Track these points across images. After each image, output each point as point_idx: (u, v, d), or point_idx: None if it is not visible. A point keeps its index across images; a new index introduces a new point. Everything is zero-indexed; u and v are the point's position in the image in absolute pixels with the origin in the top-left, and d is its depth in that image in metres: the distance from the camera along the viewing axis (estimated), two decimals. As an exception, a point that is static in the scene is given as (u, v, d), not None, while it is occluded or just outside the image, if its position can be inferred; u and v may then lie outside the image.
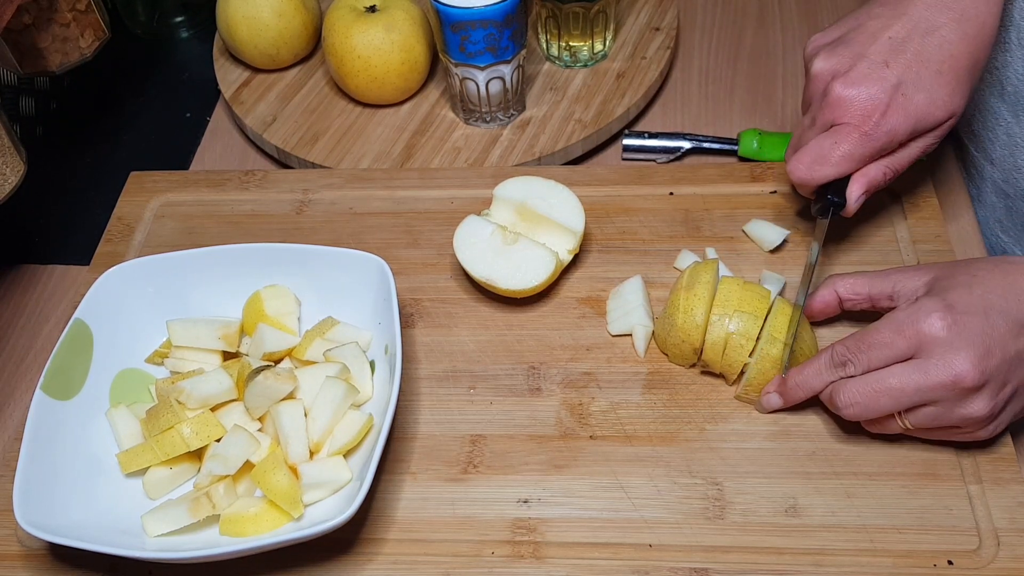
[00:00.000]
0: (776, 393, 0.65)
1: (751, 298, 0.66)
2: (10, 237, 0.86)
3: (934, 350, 0.57)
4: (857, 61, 0.64)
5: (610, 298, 0.73)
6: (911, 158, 0.67)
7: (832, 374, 0.61)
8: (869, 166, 0.66)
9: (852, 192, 0.66)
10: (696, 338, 0.66)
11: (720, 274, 0.70)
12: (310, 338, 0.68)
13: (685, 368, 0.69)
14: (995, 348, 0.57)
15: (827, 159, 0.65)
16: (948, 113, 0.64)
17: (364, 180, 0.83)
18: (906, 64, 0.64)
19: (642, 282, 0.73)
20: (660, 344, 0.70)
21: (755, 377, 0.65)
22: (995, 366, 0.57)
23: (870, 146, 0.64)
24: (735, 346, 0.65)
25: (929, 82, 0.63)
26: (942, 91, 0.64)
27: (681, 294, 0.67)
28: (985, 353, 0.56)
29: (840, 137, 0.65)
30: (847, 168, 0.66)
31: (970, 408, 0.57)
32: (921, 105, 0.64)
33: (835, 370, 0.61)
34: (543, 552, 0.61)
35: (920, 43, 0.64)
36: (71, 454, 0.63)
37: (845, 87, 0.64)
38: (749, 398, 0.66)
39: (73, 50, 0.82)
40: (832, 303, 0.67)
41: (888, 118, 0.64)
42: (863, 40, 0.65)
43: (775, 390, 0.65)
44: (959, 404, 0.58)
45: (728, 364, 0.66)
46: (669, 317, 0.67)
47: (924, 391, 0.57)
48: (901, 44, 0.64)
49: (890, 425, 0.61)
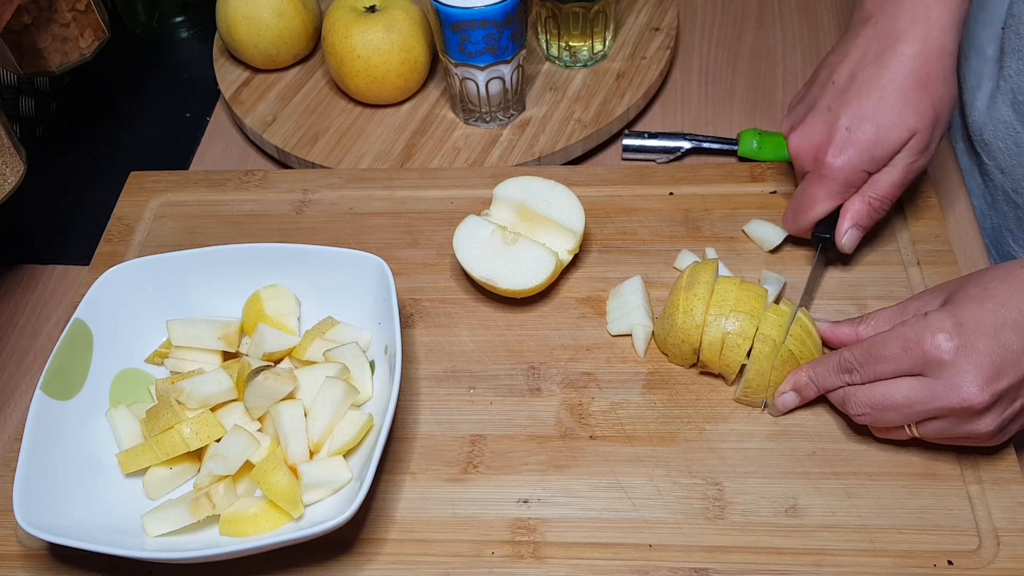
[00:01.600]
0: (793, 392, 0.64)
1: (748, 298, 0.66)
2: (10, 237, 0.86)
3: (941, 372, 0.57)
4: (806, 114, 0.69)
5: (610, 298, 0.73)
6: (893, 183, 0.68)
7: (838, 379, 0.62)
8: (851, 200, 0.69)
9: (840, 227, 0.70)
10: (696, 338, 0.66)
11: (719, 274, 0.70)
12: (310, 338, 0.68)
13: (685, 368, 0.69)
14: (1006, 368, 0.56)
15: (802, 207, 0.70)
16: (905, 132, 0.66)
17: (364, 180, 0.83)
18: (847, 102, 0.67)
19: (642, 282, 0.73)
20: (660, 344, 0.70)
21: (753, 378, 0.65)
22: (1005, 387, 0.56)
23: (831, 184, 0.68)
24: (732, 346, 0.65)
25: (872, 111, 0.66)
26: (887, 115, 0.66)
27: (681, 294, 0.67)
28: (994, 375, 0.56)
29: (807, 184, 0.70)
30: (822, 210, 0.69)
31: (978, 426, 0.58)
32: (869, 134, 0.66)
33: (842, 375, 0.62)
34: (543, 552, 0.61)
35: (862, 76, 0.67)
36: (71, 454, 0.63)
37: (795, 139, 0.69)
38: (748, 400, 0.66)
39: (73, 50, 0.82)
40: (848, 340, 0.66)
41: (838, 156, 0.67)
42: (814, 92, 0.70)
43: (791, 388, 0.64)
44: (967, 422, 0.58)
45: (726, 364, 0.66)
46: (669, 317, 0.67)
47: (931, 411, 0.58)
48: (844, 85, 0.67)
49: (900, 433, 0.62)
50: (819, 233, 0.71)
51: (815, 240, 0.72)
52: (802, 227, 0.71)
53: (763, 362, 0.64)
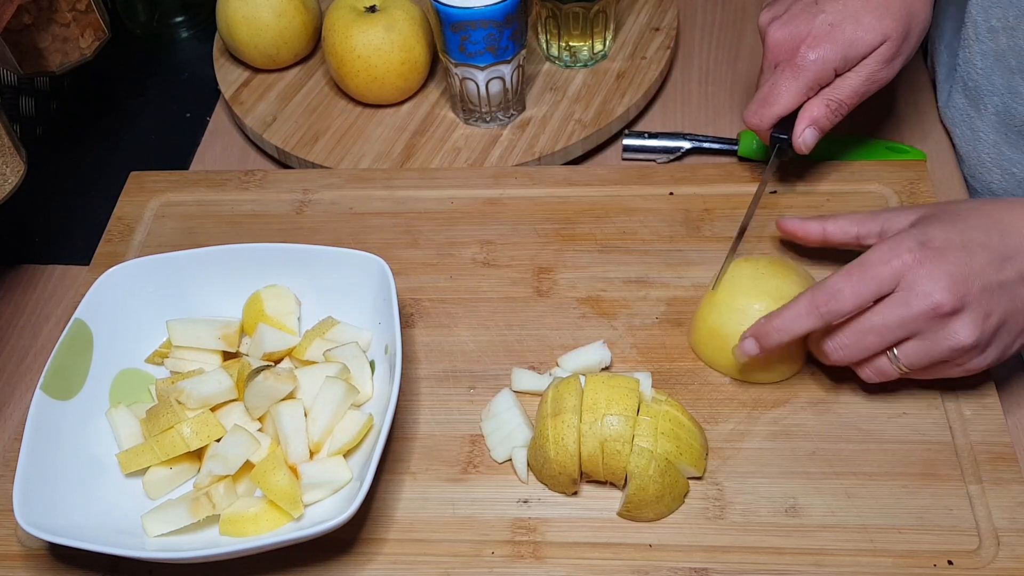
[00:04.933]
0: (752, 338, 0.62)
1: (620, 396, 0.61)
2: (10, 237, 0.86)
3: (913, 282, 0.58)
4: (791, 6, 0.71)
5: (482, 420, 0.67)
6: (854, 89, 0.70)
7: (815, 317, 0.60)
8: (811, 101, 0.70)
9: (797, 128, 0.71)
10: (573, 468, 0.61)
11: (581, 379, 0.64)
12: (310, 338, 0.68)
13: (684, 369, 0.69)
14: (973, 277, 0.57)
15: (768, 99, 0.71)
16: (879, 36, 0.68)
17: (364, 180, 0.83)
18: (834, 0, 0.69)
19: (511, 394, 0.67)
20: (536, 474, 0.64)
21: (635, 494, 0.60)
22: (975, 293, 0.57)
23: (804, 77, 0.69)
24: (612, 452, 0.60)
25: (856, 11, 0.68)
26: (869, 16, 0.68)
27: (548, 422, 0.61)
28: (962, 280, 0.57)
29: (777, 75, 0.71)
30: (787, 103, 0.70)
31: (955, 337, 0.58)
32: (848, 32, 0.68)
33: (818, 310, 0.60)
34: (543, 552, 0.61)
35: None
36: (71, 454, 0.63)
37: (777, 28, 0.71)
38: (633, 516, 0.61)
39: (73, 50, 0.82)
40: (813, 233, 0.68)
41: (816, 48, 0.68)
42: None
43: (751, 334, 0.62)
44: (943, 333, 0.58)
45: (611, 472, 0.61)
46: (540, 449, 0.62)
47: (907, 322, 0.58)
48: None
49: (885, 369, 0.61)
50: (777, 133, 0.72)
51: (772, 141, 0.73)
52: (764, 121, 0.72)
53: (642, 477, 0.59)
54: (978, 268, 0.58)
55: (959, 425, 0.64)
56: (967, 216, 0.60)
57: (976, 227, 0.59)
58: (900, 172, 0.79)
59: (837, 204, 0.77)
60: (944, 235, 0.59)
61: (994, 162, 0.79)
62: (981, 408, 0.65)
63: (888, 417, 0.65)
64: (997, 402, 0.65)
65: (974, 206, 0.62)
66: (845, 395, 0.66)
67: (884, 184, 0.78)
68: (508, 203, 0.80)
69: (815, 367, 0.67)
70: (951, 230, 0.59)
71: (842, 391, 0.66)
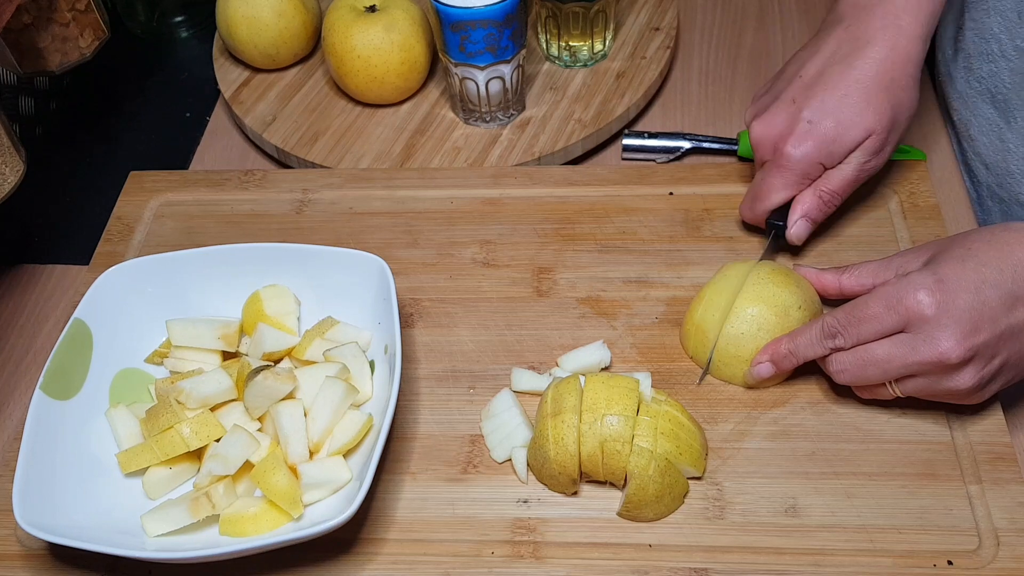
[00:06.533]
0: (769, 362, 0.65)
1: (619, 396, 0.61)
2: (10, 237, 0.86)
3: (921, 327, 0.58)
4: (771, 103, 0.71)
5: (482, 420, 0.67)
6: (846, 180, 0.70)
7: (822, 346, 0.62)
8: (803, 193, 0.71)
9: (790, 219, 0.71)
10: (573, 468, 0.61)
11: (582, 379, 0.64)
12: (310, 338, 0.68)
13: (684, 370, 0.69)
14: (983, 324, 0.57)
15: (758, 195, 0.72)
16: (862, 132, 0.68)
17: (364, 180, 0.83)
18: (812, 96, 0.68)
19: (511, 394, 0.67)
20: (536, 474, 0.64)
21: (634, 494, 0.60)
22: (982, 342, 0.57)
23: (790, 174, 0.70)
24: (612, 452, 0.60)
25: (835, 107, 0.68)
26: (848, 112, 0.67)
27: (548, 422, 0.61)
28: (972, 330, 0.57)
29: (765, 172, 0.71)
30: (777, 199, 0.71)
31: (956, 382, 0.59)
32: (829, 129, 0.68)
33: (825, 342, 0.62)
34: (543, 552, 0.61)
35: (829, 73, 0.68)
36: (71, 454, 0.63)
37: (758, 126, 0.71)
38: (633, 516, 0.62)
39: (73, 50, 0.82)
40: (830, 287, 0.68)
41: (799, 146, 0.68)
42: (780, 85, 0.71)
43: (768, 358, 0.65)
44: (945, 378, 0.59)
45: (611, 472, 0.61)
46: (540, 449, 0.62)
47: (910, 366, 0.59)
48: (811, 80, 0.69)
49: (881, 392, 0.62)
50: (773, 220, 0.72)
51: (768, 227, 0.73)
52: (758, 215, 0.73)
53: (642, 477, 0.60)
54: (989, 313, 0.57)
55: (959, 425, 0.64)
56: (979, 250, 0.59)
57: (989, 263, 0.58)
58: (900, 172, 0.79)
59: (837, 204, 0.77)
60: (956, 274, 0.58)
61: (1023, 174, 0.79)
62: (981, 408, 0.65)
63: (888, 417, 0.65)
64: (997, 402, 0.65)
65: (986, 238, 0.60)
66: (845, 395, 0.66)
67: (885, 184, 0.78)
68: (508, 203, 0.80)
69: (815, 367, 0.67)
70: (964, 268, 0.58)
71: (842, 391, 0.66)
